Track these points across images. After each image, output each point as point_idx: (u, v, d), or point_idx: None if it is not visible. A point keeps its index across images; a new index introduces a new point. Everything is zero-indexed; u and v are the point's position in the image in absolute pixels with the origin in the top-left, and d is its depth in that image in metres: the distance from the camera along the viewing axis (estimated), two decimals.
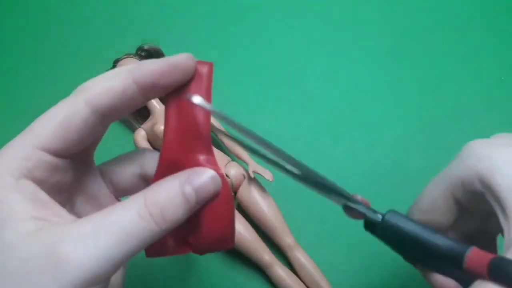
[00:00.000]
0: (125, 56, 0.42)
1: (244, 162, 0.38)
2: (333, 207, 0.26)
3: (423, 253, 0.23)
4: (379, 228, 0.24)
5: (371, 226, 0.24)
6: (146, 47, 0.43)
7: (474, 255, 0.21)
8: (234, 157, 0.40)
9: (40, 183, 0.19)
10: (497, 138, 0.23)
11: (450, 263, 0.22)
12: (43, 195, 0.19)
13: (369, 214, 0.24)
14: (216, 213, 0.22)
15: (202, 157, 0.22)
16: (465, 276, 0.21)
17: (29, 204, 0.18)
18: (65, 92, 0.22)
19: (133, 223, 0.18)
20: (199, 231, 0.22)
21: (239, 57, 0.50)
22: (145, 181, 0.24)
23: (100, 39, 0.51)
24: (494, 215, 0.21)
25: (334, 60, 0.49)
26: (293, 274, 0.36)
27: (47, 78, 0.48)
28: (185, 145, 0.22)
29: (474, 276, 0.20)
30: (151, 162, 0.24)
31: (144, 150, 0.26)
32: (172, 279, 0.37)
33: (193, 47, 0.50)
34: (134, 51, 0.43)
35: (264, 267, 0.36)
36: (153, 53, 0.43)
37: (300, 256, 0.36)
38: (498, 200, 0.20)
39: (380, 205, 0.41)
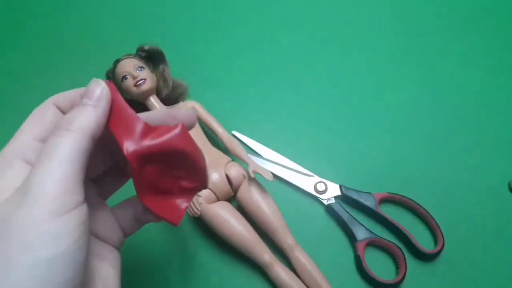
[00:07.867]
0: (125, 57, 0.42)
1: (244, 162, 0.38)
2: None
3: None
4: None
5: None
6: (146, 47, 0.42)
7: None
8: (234, 157, 0.40)
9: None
10: None
11: None
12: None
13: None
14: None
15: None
16: None
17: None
18: (64, 90, 0.22)
19: (57, 143, 0.21)
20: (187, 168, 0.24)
21: (239, 58, 0.50)
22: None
23: (100, 40, 0.51)
24: None
25: (334, 60, 0.49)
26: (293, 274, 0.36)
27: (47, 78, 0.48)
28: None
29: None
30: None
31: None
32: (171, 279, 0.37)
33: (193, 47, 0.50)
34: (134, 52, 0.43)
35: (264, 266, 0.36)
36: (153, 53, 0.43)
37: (300, 256, 0.36)
38: None
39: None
